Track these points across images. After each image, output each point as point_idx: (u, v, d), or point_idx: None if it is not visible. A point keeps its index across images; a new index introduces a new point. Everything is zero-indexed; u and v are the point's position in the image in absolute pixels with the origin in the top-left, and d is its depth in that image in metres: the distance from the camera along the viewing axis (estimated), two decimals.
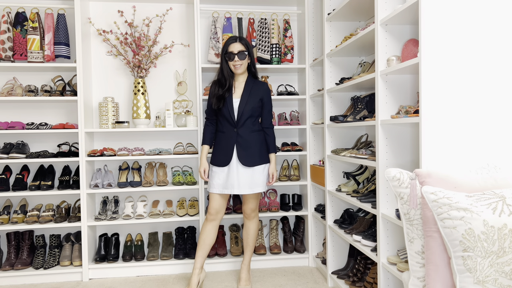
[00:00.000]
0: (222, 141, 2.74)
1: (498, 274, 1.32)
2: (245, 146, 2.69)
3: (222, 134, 2.74)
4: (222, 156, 2.71)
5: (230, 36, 2.79)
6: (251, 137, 2.71)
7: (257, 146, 2.73)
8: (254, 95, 2.72)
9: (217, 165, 2.73)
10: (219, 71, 2.75)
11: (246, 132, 2.70)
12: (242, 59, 2.68)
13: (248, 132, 2.71)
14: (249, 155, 2.69)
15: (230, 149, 2.69)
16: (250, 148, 2.69)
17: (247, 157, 2.68)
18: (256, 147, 2.72)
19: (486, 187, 1.50)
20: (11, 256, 3.14)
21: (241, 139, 2.69)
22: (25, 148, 3.21)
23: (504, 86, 1.76)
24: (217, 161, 2.74)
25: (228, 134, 2.71)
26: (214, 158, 2.77)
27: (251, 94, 2.71)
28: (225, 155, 2.70)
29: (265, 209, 3.39)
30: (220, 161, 2.72)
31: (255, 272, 3.23)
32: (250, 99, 2.70)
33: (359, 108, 2.64)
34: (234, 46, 2.67)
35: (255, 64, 2.80)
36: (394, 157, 2.13)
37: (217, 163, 2.74)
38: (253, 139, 2.71)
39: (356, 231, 2.57)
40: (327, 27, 2.93)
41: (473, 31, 1.73)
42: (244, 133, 2.70)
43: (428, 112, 1.71)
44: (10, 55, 3.11)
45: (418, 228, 1.55)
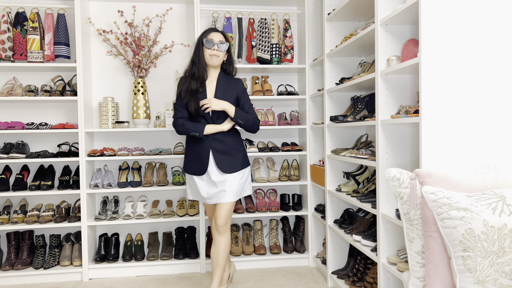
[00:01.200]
0: (196, 146, 2.49)
1: (498, 274, 1.32)
2: (223, 151, 2.47)
3: (195, 138, 2.48)
4: (196, 164, 2.49)
5: (210, 27, 2.65)
6: (229, 139, 2.49)
7: (237, 150, 2.51)
8: (229, 92, 2.49)
9: (192, 173, 2.52)
10: (191, 64, 2.49)
11: (223, 137, 2.48)
12: (222, 50, 2.46)
13: (225, 136, 2.48)
14: (228, 160, 2.47)
15: (205, 155, 2.46)
16: (228, 153, 2.48)
17: (226, 162, 2.46)
18: (235, 151, 2.50)
19: (486, 187, 1.50)
20: (11, 256, 3.14)
21: (217, 143, 2.46)
22: (25, 148, 3.21)
23: (504, 86, 1.76)
24: (192, 169, 2.52)
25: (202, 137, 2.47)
26: (188, 166, 2.54)
27: (226, 91, 2.48)
28: (200, 162, 2.47)
29: (265, 209, 3.39)
30: (195, 170, 2.50)
31: (255, 272, 3.23)
32: (226, 97, 2.46)
33: (359, 108, 2.64)
34: (215, 35, 2.47)
35: (233, 62, 2.58)
36: (394, 157, 2.13)
37: (191, 171, 2.52)
38: (232, 144, 2.50)
39: (356, 231, 2.57)
40: (327, 27, 2.93)
41: (473, 31, 1.73)
42: (220, 136, 2.47)
43: (428, 112, 1.71)
44: (10, 55, 3.11)
45: (418, 228, 1.55)
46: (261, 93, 3.37)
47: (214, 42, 2.43)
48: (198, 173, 2.48)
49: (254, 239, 3.45)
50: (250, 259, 3.30)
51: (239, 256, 3.31)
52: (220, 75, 2.52)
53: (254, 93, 3.38)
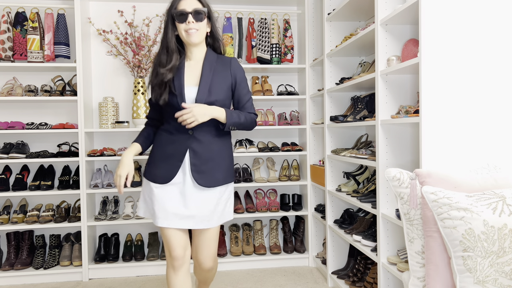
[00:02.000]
0: (167, 145, 1.84)
1: (498, 274, 1.32)
2: (203, 157, 1.80)
3: (167, 136, 1.85)
4: (163, 167, 1.81)
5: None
6: (215, 144, 1.84)
7: (223, 157, 1.87)
8: (219, 78, 1.83)
9: (153, 180, 1.82)
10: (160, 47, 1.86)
11: (206, 136, 1.82)
12: (199, 21, 1.79)
13: (210, 136, 1.83)
14: (209, 170, 1.81)
15: (179, 157, 1.80)
16: (212, 159, 1.82)
17: (205, 172, 1.80)
18: (220, 158, 1.85)
19: (486, 187, 1.49)
20: (11, 256, 3.13)
21: (198, 145, 1.80)
22: (25, 148, 3.21)
23: (504, 86, 1.76)
24: (154, 173, 1.82)
25: (177, 137, 1.82)
26: (149, 169, 1.86)
27: (215, 78, 1.82)
28: (169, 166, 1.80)
29: (265, 209, 3.39)
30: (158, 175, 1.81)
31: (255, 272, 3.23)
32: (215, 86, 1.81)
33: (359, 108, 2.64)
34: (186, 2, 1.79)
35: (219, 34, 1.92)
36: (394, 157, 2.13)
37: (153, 176, 1.83)
38: (217, 147, 1.85)
39: (356, 231, 2.56)
40: (327, 27, 2.93)
41: (473, 31, 1.73)
42: (203, 137, 1.81)
43: (428, 112, 1.70)
44: (10, 55, 3.11)
45: (418, 228, 1.55)
46: (261, 93, 3.37)
47: (186, 13, 1.77)
48: (162, 179, 1.80)
49: (254, 239, 3.45)
50: (250, 259, 3.30)
51: (239, 256, 3.31)
52: (208, 55, 1.87)
53: (254, 93, 3.38)
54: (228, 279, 3.08)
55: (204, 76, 1.81)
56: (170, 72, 1.80)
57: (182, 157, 1.80)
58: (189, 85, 1.82)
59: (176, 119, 1.77)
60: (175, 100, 1.79)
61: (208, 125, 1.81)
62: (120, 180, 1.77)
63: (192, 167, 1.79)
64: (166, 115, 1.87)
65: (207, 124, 1.80)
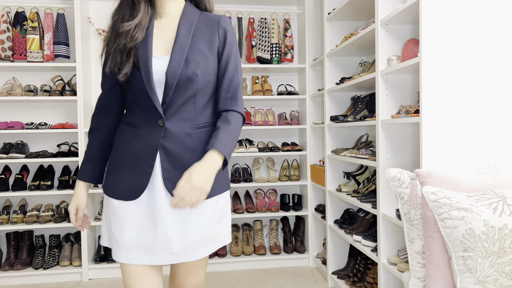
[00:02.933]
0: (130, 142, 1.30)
1: (498, 274, 1.31)
2: (180, 158, 1.27)
3: (130, 130, 1.32)
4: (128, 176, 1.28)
5: None
6: (195, 138, 1.29)
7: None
8: (202, 42, 1.29)
9: (115, 195, 1.29)
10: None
11: (184, 127, 1.28)
12: None
13: (188, 127, 1.28)
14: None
15: (148, 161, 1.27)
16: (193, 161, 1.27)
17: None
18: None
19: (487, 187, 1.49)
20: (11, 256, 3.13)
21: (171, 141, 1.27)
22: (24, 148, 3.20)
23: (504, 86, 1.76)
24: (116, 186, 1.30)
25: (143, 130, 1.29)
26: (110, 181, 1.33)
27: (196, 42, 1.29)
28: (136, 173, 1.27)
29: (265, 209, 3.38)
30: (123, 187, 1.28)
31: (255, 272, 3.23)
32: (194, 53, 1.27)
33: (359, 108, 2.63)
34: None
35: None
36: (395, 157, 2.13)
37: (115, 191, 1.30)
38: (200, 143, 1.30)
39: (357, 231, 2.56)
40: (327, 27, 2.93)
41: (473, 30, 1.72)
42: (179, 129, 1.27)
43: (428, 112, 1.70)
44: (9, 55, 3.11)
45: (419, 228, 1.55)
46: (261, 93, 3.37)
47: None
48: (127, 194, 1.27)
49: (254, 239, 3.45)
50: (250, 259, 3.29)
51: (239, 256, 3.30)
52: (187, 10, 1.33)
53: (254, 93, 3.38)
54: (228, 279, 3.08)
55: (180, 39, 1.26)
56: (138, 31, 1.25)
57: (151, 160, 1.26)
58: (158, 55, 1.27)
59: (140, 105, 1.28)
60: (137, 76, 1.24)
61: (186, 108, 1.27)
62: (71, 217, 1.36)
63: (165, 174, 1.25)
64: (129, 99, 1.31)
65: (184, 105, 1.27)
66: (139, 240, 1.27)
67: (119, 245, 1.28)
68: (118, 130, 1.37)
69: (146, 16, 1.28)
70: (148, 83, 1.23)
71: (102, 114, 1.38)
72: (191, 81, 1.25)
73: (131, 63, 1.24)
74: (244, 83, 3.48)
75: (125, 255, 1.27)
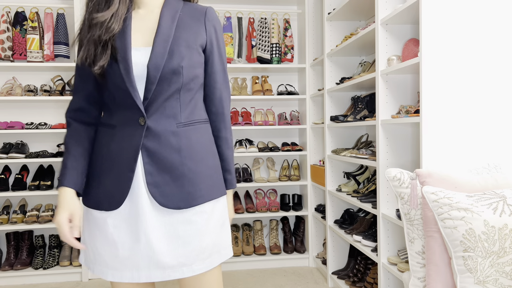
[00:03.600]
0: (108, 145, 1.19)
1: (498, 274, 1.31)
2: (164, 160, 1.15)
3: (108, 131, 1.20)
4: (107, 183, 1.17)
5: None
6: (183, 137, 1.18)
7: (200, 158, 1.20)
8: (187, 33, 1.19)
9: (95, 206, 1.18)
10: None
11: (168, 125, 1.16)
12: None
13: (173, 125, 1.17)
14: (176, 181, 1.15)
15: (128, 165, 1.14)
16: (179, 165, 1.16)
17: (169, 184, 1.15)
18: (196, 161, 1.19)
19: (487, 187, 1.49)
20: (11, 256, 3.13)
21: (154, 141, 1.15)
22: (24, 148, 3.20)
23: (504, 86, 1.75)
24: (97, 195, 1.18)
25: (122, 131, 1.17)
26: (90, 190, 1.21)
27: (181, 33, 1.18)
28: (116, 179, 1.16)
29: (265, 209, 3.38)
30: (102, 196, 1.17)
31: (255, 272, 3.23)
32: (179, 44, 1.16)
33: (359, 108, 2.63)
34: None
35: None
36: (395, 157, 2.13)
37: (95, 201, 1.18)
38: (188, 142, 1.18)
39: (357, 231, 2.56)
40: (327, 27, 2.93)
41: (473, 30, 1.72)
42: (163, 127, 1.16)
43: (428, 112, 1.70)
44: (9, 55, 3.11)
45: (419, 228, 1.54)
46: (261, 93, 3.37)
47: None
48: (108, 203, 1.16)
49: (254, 239, 3.45)
50: (250, 260, 3.29)
51: (239, 257, 3.30)
52: (168, 0, 1.24)
53: (254, 93, 3.38)
54: (228, 279, 3.08)
55: (163, 28, 1.16)
56: (114, 22, 1.13)
57: (133, 162, 1.13)
58: (138, 46, 1.16)
59: (118, 103, 1.16)
60: (115, 70, 1.12)
61: (170, 104, 1.16)
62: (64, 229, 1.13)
63: (148, 178, 1.14)
64: (106, 97, 1.19)
65: (168, 102, 1.16)
66: (123, 255, 1.14)
67: (105, 261, 1.16)
68: (96, 133, 1.24)
69: (123, 5, 1.16)
70: (127, 77, 1.11)
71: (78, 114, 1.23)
72: (176, 75, 1.13)
73: (108, 55, 1.12)
74: (244, 83, 3.48)
75: (111, 273, 1.15)
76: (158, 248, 1.12)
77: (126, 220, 1.15)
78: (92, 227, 1.18)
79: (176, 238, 1.14)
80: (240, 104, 3.54)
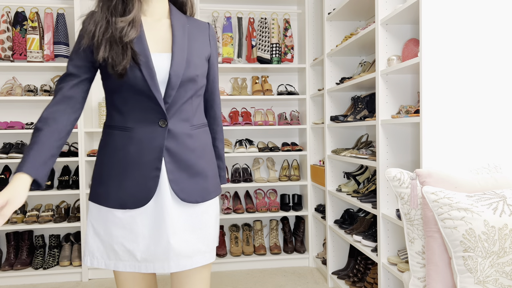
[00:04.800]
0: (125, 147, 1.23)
1: (498, 274, 1.31)
2: (183, 158, 1.26)
3: (123, 133, 1.24)
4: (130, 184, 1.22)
5: None
6: (196, 138, 1.30)
7: (209, 158, 1.34)
8: (197, 45, 1.31)
9: (120, 205, 1.22)
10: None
11: (184, 127, 1.26)
12: None
13: (188, 127, 1.28)
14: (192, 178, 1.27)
15: (152, 164, 1.22)
16: (195, 163, 1.28)
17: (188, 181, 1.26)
18: (206, 161, 1.32)
19: (487, 187, 1.49)
20: (11, 256, 3.13)
21: (174, 142, 1.24)
22: (24, 148, 3.20)
23: (504, 86, 1.75)
24: (118, 195, 1.22)
25: (140, 133, 1.22)
26: (109, 194, 1.23)
27: (193, 44, 1.29)
28: (139, 178, 1.22)
29: (265, 209, 3.38)
30: (127, 195, 1.22)
31: (255, 272, 3.23)
32: (193, 55, 1.27)
33: (359, 108, 2.63)
34: None
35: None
36: (395, 157, 2.13)
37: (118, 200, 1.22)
38: (199, 143, 1.30)
39: (357, 231, 2.56)
40: (327, 27, 2.93)
41: (473, 30, 1.72)
42: (180, 129, 1.25)
43: (428, 112, 1.70)
44: (9, 55, 3.11)
45: (419, 228, 1.54)
46: (261, 93, 3.37)
47: None
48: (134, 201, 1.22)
49: (254, 239, 3.44)
50: (250, 260, 3.29)
51: (239, 257, 3.30)
52: (174, 12, 1.31)
53: (254, 93, 3.38)
54: (228, 279, 3.08)
55: (178, 38, 1.24)
56: (132, 28, 1.18)
57: (158, 162, 1.21)
58: (155, 51, 1.23)
59: (133, 105, 1.21)
60: (136, 73, 1.18)
61: (185, 108, 1.26)
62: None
63: (170, 176, 1.22)
64: (116, 100, 1.24)
65: (184, 106, 1.25)
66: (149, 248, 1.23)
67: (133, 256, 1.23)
68: (105, 135, 1.28)
69: (139, 13, 1.22)
70: (152, 82, 1.18)
71: (64, 103, 1.20)
72: (192, 82, 1.25)
73: (129, 57, 1.17)
74: (244, 83, 3.48)
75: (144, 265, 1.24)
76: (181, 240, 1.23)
77: (152, 215, 1.23)
78: (111, 226, 1.24)
79: (194, 229, 1.27)
80: (240, 104, 3.54)
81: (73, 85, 1.23)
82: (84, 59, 1.23)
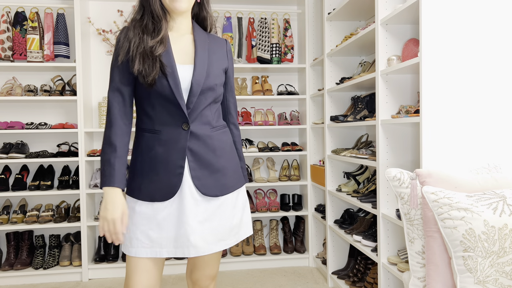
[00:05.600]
0: (155, 148, 1.42)
1: (498, 274, 1.31)
2: (204, 157, 1.44)
3: (152, 136, 1.43)
4: (159, 179, 1.40)
5: None
6: (215, 139, 1.47)
7: (229, 156, 1.52)
8: (216, 58, 1.49)
9: (150, 198, 1.41)
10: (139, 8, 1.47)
11: (204, 130, 1.44)
12: None
13: (208, 129, 1.45)
14: (213, 174, 1.45)
15: (177, 163, 1.40)
16: (214, 161, 1.46)
17: (209, 177, 1.44)
18: (226, 159, 1.50)
19: (487, 187, 1.49)
20: (11, 256, 3.13)
21: (196, 142, 1.42)
22: (24, 148, 3.20)
23: (504, 86, 1.76)
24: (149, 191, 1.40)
25: (166, 135, 1.41)
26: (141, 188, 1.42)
27: (212, 57, 1.47)
28: (166, 175, 1.40)
29: (265, 209, 3.38)
30: (156, 189, 1.40)
31: (255, 272, 3.23)
32: (212, 67, 1.45)
33: (359, 108, 2.63)
34: None
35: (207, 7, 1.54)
36: (395, 157, 2.13)
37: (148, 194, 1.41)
38: (218, 143, 1.48)
39: (357, 231, 2.56)
40: (327, 27, 2.93)
41: (473, 30, 1.72)
42: (201, 131, 1.43)
43: (428, 112, 1.70)
44: (9, 55, 3.11)
45: (419, 228, 1.54)
46: (261, 93, 3.37)
47: None
48: (162, 195, 1.40)
49: (254, 239, 3.45)
50: (250, 259, 3.29)
51: (239, 256, 3.30)
52: (196, 29, 1.50)
53: (254, 93, 3.38)
54: (228, 279, 3.08)
55: (199, 52, 1.43)
56: (161, 45, 1.37)
57: (182, 161, 1.40)
58: (180, 63, 1.41)
59: (160, 111, 1.39)
60: (163, 82, 1.36)
61: (205, 113, 1.44)
62: (115, 226, 1.34)
63: (192, 173, 1.41)
64: (146, 105, 1.42)
65: (204, 111, 1.44)
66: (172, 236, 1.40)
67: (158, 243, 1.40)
68: (137, 137, 1.48)
69: (166, 32, 1.41)
70: (176, 90, 1.36)
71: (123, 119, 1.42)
72: (211, 90, 1.43)
73: (158, 68, 1.35)
74: (244, 83, 3.48)
75: (166, 250, 1.41)
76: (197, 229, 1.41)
77: (175, 207, 1.41)
78: (137, 217, 1.41)
79: (211, 219, 1.44)
80: (240, 104, 3.54)
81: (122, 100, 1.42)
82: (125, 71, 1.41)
